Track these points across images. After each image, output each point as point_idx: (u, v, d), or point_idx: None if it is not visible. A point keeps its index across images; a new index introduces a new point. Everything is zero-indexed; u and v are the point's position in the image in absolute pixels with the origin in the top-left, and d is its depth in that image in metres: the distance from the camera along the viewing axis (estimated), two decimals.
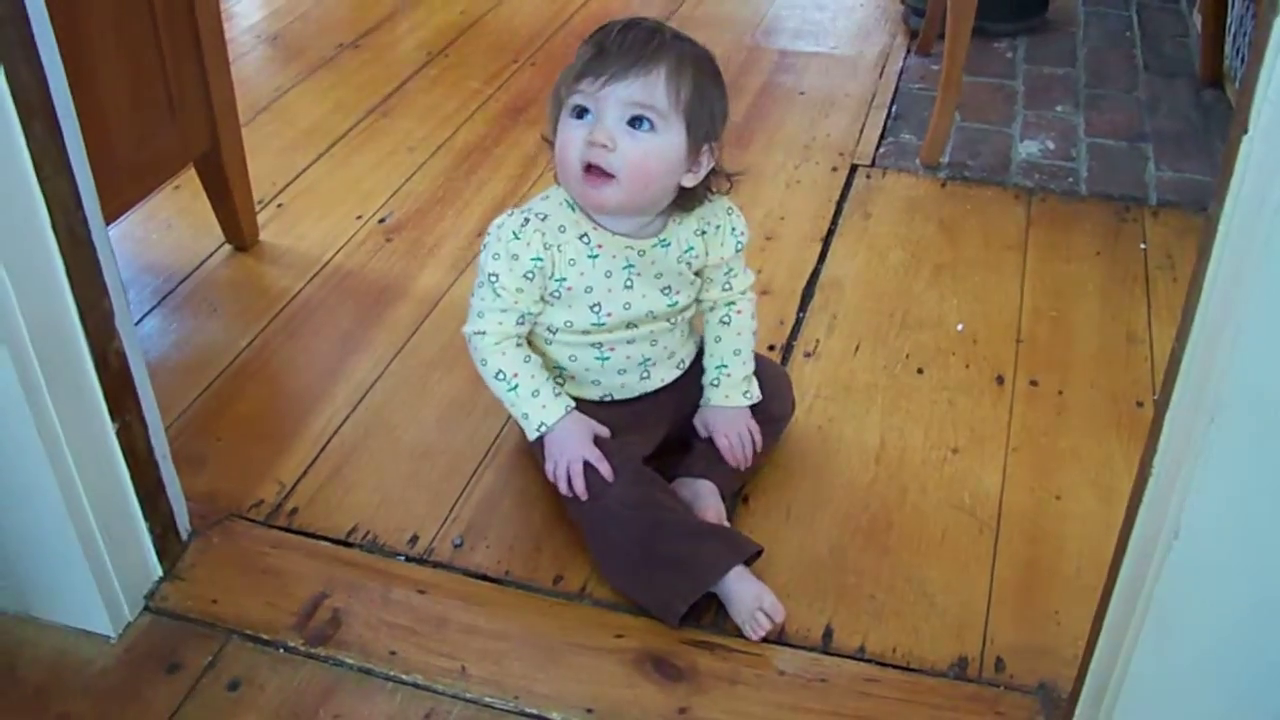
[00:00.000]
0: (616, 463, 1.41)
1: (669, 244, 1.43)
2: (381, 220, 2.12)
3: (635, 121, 1.32)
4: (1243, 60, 2.50)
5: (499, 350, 1.43)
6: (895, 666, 1.34)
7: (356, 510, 1.52)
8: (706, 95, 1.35)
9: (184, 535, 1.46)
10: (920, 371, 1.78)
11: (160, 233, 2.07)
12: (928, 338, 1.85)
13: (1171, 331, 0.98)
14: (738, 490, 1.54)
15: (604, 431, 1.45)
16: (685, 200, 1.42)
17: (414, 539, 1.48)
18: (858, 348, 1.82)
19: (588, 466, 1.41)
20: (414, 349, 1.80)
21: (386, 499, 1.54)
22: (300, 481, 1.56)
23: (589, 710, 1.28)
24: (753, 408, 1.53)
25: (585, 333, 1.44)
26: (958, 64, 2.28)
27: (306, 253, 2.03)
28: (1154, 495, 1.00)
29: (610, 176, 1.33)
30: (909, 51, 2.84)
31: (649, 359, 1.49)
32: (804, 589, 1.42)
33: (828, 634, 1.37)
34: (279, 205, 2.16)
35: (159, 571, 1.41)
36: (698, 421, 1.53)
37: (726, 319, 1.52)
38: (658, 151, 1.33)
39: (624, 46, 1.32)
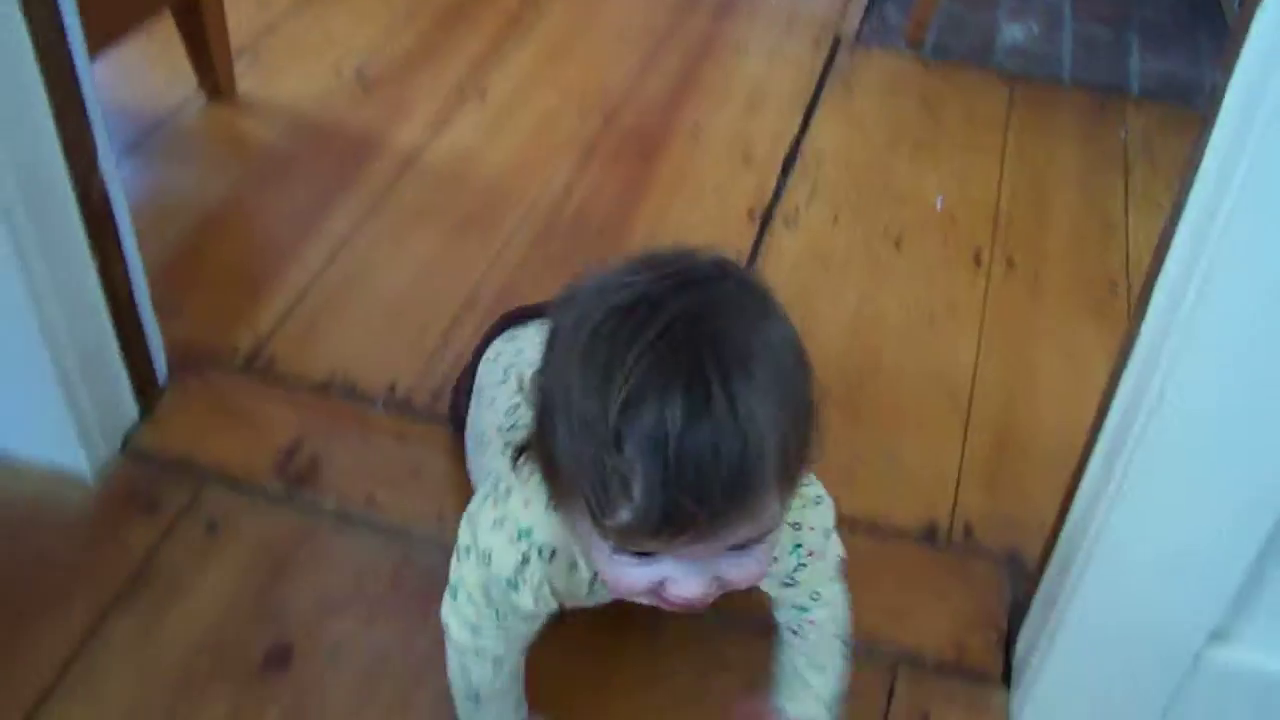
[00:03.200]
0: None
1: None
2: (359, 73, 2.09)
3: (738, 547, 0.86)
4: None
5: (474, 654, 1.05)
6: (866, 531, 1.37)
7: (333, 360, 1.52)
8: (805, 431, 0.86)
9: (161, 380, 1.45)
10: (898, 245, 1.78)
11: (134, 80, 2.03)
12: (907, 213, 1.85)
13: (1149, 220, 1.00)
14: None
15: None
16: None
17: (391, 388, 1.48)
18: (836, 218, 1.82)
19: None
20: (391, 203, 1.79)
21: (363, 350, 1.54)
22: (276, 331, 1.55)
23: None
24: None
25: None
26: None
27: (283, 104, 2.00)
28: (1138, 363, 1.02)
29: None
30: None
31: None
32: None
33: None
34: (255, 55, 2.11)
35: (135, 414, 1.41)
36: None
37: (797, 628, 1.10)
38: (766, 555, 0.90)
39: (715, 483, 0.77)
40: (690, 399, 0.76)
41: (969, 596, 1.31)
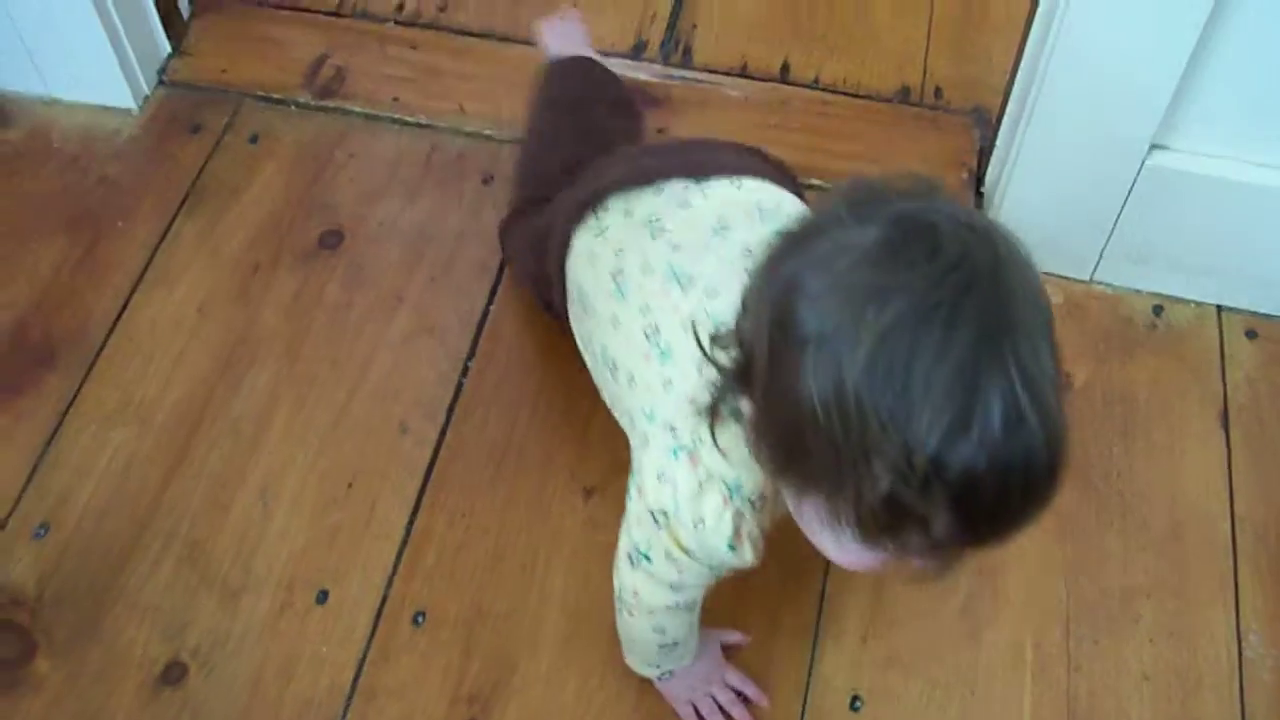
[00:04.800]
0: None
1: None
2: None
3: None
4: None
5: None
6: (846, 94, 1.50)
7: None
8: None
9: (185, 15, 1.55)
10: None
11: None
12: None
13: None
14: None
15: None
16: None
17: (400, 6, 1.58)
18: None
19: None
20: None
21: None
22: None
23: None
24: None
25: None
26: None
27: None
28: None
29: None
30: None
31: None
32: (763, 30, 1.55)
33: (785, 68, 1.52)
34: None
35: (168, 48, 1.52)
36: None
37: None
38: None
39: (1024, 501, 0.68)
40: (1006, 422, 0.65)
41: (941, 143, 1.45)
